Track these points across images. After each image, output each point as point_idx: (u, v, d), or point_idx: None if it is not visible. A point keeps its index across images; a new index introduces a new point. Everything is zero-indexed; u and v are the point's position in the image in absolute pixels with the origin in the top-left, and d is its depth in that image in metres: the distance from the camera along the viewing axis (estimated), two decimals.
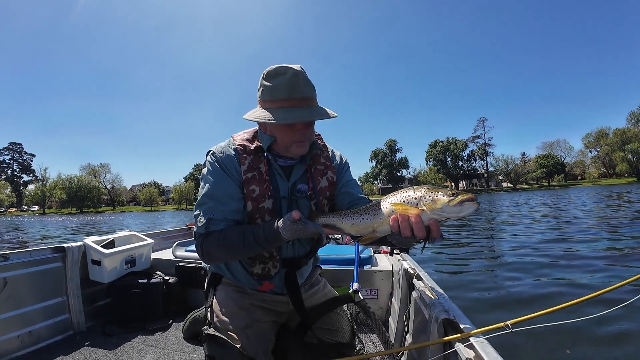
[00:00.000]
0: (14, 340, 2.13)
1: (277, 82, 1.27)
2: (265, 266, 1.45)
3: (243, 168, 1.38)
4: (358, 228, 1.20)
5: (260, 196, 1.38)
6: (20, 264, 2.24)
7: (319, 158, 1.53)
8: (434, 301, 1.37)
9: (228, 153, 1.40)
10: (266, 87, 1.29)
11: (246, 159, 1.40)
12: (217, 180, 1.37)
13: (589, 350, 2.76)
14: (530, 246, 7.25)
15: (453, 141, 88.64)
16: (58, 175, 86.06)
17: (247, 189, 1.37)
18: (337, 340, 1.54)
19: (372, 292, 2.51)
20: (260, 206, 1.38)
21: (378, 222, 1.14)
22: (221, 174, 1.38)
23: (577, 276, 4.78)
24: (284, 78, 1.26)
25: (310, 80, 1.31)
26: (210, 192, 1.36)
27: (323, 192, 1.49)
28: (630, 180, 68.59)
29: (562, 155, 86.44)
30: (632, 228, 8.99)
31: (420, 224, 1.04)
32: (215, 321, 1.40)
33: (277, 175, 1.42)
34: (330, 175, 1.52)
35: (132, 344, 2.29)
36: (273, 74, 1.29)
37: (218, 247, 1.31)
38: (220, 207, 1.35)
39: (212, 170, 1.39)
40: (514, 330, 0.95)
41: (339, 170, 1.57)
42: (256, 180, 1.38)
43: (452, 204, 1.00)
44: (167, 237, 3.75)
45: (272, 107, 1.28)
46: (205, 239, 1.33)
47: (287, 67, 1.27)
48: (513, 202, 28.17)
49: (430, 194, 1.05)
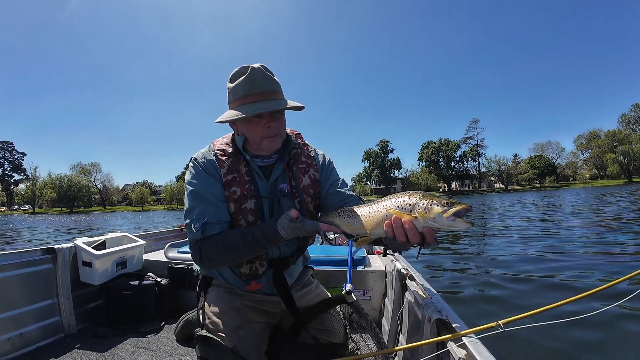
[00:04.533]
0: (4, 342, 2.09)
1: (237, 81, 1.33)
2: (252, 265, 1.46)
3: (223, 171, 1.41)
4: (354, 227, 1.20)
5: (241, 197, 1.40)
6: (9, 265, 2.21)
7: (300, 157, 1.54)
8: (426, 301, 1.38)
9: (209, 158, 1.44)
10: (231, 89, 1.36)
11: (225, 162, 1.43)
12: (204, 184, 1.39)
13: (582, 349, 2.79)
14: (522, 246, 7.31)
15: (445, 142, 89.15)
16: (48, 174, 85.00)
17: (229, 191, 1.39)
18: (331, 341, 1.54)
19: (366, 293, 2.51)
20: (242, 207, 1.40)
21: (372, 224, 1.13)
22: (207, 178, 1.40)
23: (568, 276, 4.83)
24: (244, 76, 1.32)
25: (272, 76, 1.36)
26: (199, 196, 1.37)
27: (306, 190, 1.50)
28: (621, 182, 69.36)
29: (554, 157, 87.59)
30: (623, 229, 9.09)
31: (414, 230, 1.04)
32: (207, 323, 1.41)
33: (256, 176, 1.44)
34: (312, 173, 1.53)
35: (123, 347, 2.27)
36: (235, 75, 1.36)
37: (218, 250, 1.31)
38: (211, 209, 1.36)
39: (196, 175, 1.41)
40: (506, 329, 0.96)
41: (323, 169, 1.58)
42: (236, 182, 1.40)
43: (446, 216, 0.99)
44: (159, 238, 3.72)
45: (236, 107, 1.34)
46: (203, 244, 1.33)
47: (246, 67, 1.34)
48: (505, 202, 28.38)
49: (424, 201, 1.03)
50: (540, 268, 5.40)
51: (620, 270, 5.01)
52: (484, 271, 5.42)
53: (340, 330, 1.60)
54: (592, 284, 4.49)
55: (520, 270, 5.27)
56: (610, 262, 5.52)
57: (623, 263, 5.48)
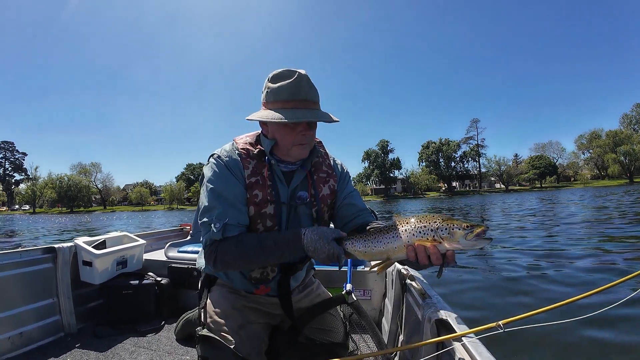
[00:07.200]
0: (4, 341, 2.10)
1: (281, 84, 1.28)
2: (264, 270, 1.45)
3: (247, 172, 1.37)
4: (371, 255, 1.20)
5: (262, 201, 1.36)
6: (10, 264, 2.21)
7: (321, 166, 1.52)
8: (427, 302, 1.38)
9: (234, 157, 1.38)
10: (271, 89, 1.30)
11: (250, 163, 1.39)
12: (226, 183, 1.34)
13: (583, 349, 2.79)
14: (522, 245, 7.30)
15: (446, 142, 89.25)
16: (48, 174, 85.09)
17: (250, 194, 1.35)
18: (331, 341, 1.54)
19: (366, 293, 2.51)
20: (262, 211, 1.37)
21: (393, 250, 1.15)
22: (229, 177, 1.35)
23: (569, 276, 4.83)
24: (289, 80, 1.28)
25: (314, 85, 1.33)
26: (220, 196, 1.32)
27: (324, 200, 1.49)
28: (622, 182, 69.31)
29: (555, 157, 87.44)
30: (626, 229, 9.08)
31: (438, 254, 1.08)
32: (209, 322, 1.40)
33: (277, 181, 1.41)
34: (332, 184, 1.52)
35: (123, 346, 2.27)
36: (278, 76, 1.31)
37: (235, 254, 1.28)
38: (232, 211, 1.31)
39: (219, 174, 1.35)
40: (507, 330, 0.96)
41: (341, 179, 1.57)
42: (259, 185, 1.37)
43: (469, 238, 1.04)
44: (160, 237, 3.72)
45: (275, 108, 1.29)
46: (220, 245, 1.29)
47: (292, 71, 1.29)
48: (506, 203, 28.37)
49: (446, 225, 1.07)
50: (540, 268, 5.40)
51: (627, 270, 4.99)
52: (484, 271, 5.42)
53: (340, 330, 1.60)
54: (592, 284, 4.48)
55: (520, 271, 5.27)
56: (611, 263, 5.52)
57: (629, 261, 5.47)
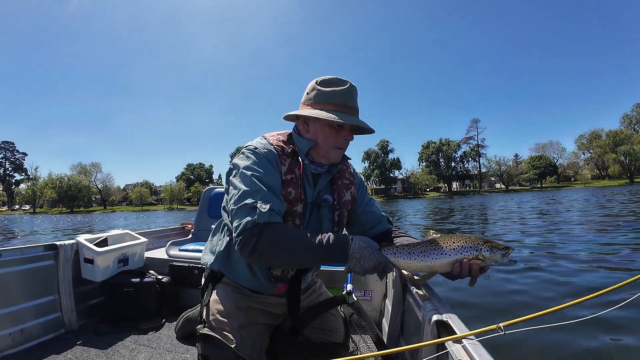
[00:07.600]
0: (5, 338, 2.10)
1: (334, 89, 1.35)
2: (285, 268, 1.45)
3: (283, 169, 1.38)
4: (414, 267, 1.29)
5: (295, 199, 1.38)
6: (11, 261, 2.21)
7: (345, 172, 1.57)
8: (427, 303, 1.38)
9: (272, 150, 1.38)
10: (322, 92, 1.36)
11: (286, 160, 1.40)
12: (267, 172, 1.31)
13: (583, 352, 2.79)
14: (523, 247, 7.30)
15: (446, 142, 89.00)
16: (48, 174, 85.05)
17: (285, 190, 1.36)
18: (331, 341, 1.55)
19: (366, 294, 2.52)
20: (293, 209, 1.38)
21: (440, 265, 1.27)
22: (270, 168, 1.33)
23: (570, 277, 4.83)
24: (342, 87, 1.35)
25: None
26: (262, 181, 1.27)
27: (346, 205, 1.53)
28: (623, 182, 69.29)
29: (555, 157, 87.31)
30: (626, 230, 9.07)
31: (478, 269, 1.26)
32: (211, 320, 1.40)
33: (306, 181, 1.43)
34: (353, 191, 1.57)
35: (124, 344, 2.28)
36: (330, 82, 1.37)
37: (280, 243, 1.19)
38: (275, 199, 1.27)
39: (259, 162, 1.32)
40: (507, 332, 0.96)
41: (360, 188, 1.62)
42: (293, 183, 1.38)
43: (505, 259, 1.23)
44: (161, 236, 3.73)
45: (328, 109, 1.33)
46: (266, 229, 1.19)
47: (344, 80, 1.38)
48: (506, 203, 28.35)
49: (487, 246, 1.24)
50: (541, 269, 5.39)
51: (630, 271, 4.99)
52: (484, 272, 5.41)
53: (340, 330, 1.61)
54: (593, 286, 4.48)
55: (521, 271, 5.27)
56: (612, 263, 5.52)
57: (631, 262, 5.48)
